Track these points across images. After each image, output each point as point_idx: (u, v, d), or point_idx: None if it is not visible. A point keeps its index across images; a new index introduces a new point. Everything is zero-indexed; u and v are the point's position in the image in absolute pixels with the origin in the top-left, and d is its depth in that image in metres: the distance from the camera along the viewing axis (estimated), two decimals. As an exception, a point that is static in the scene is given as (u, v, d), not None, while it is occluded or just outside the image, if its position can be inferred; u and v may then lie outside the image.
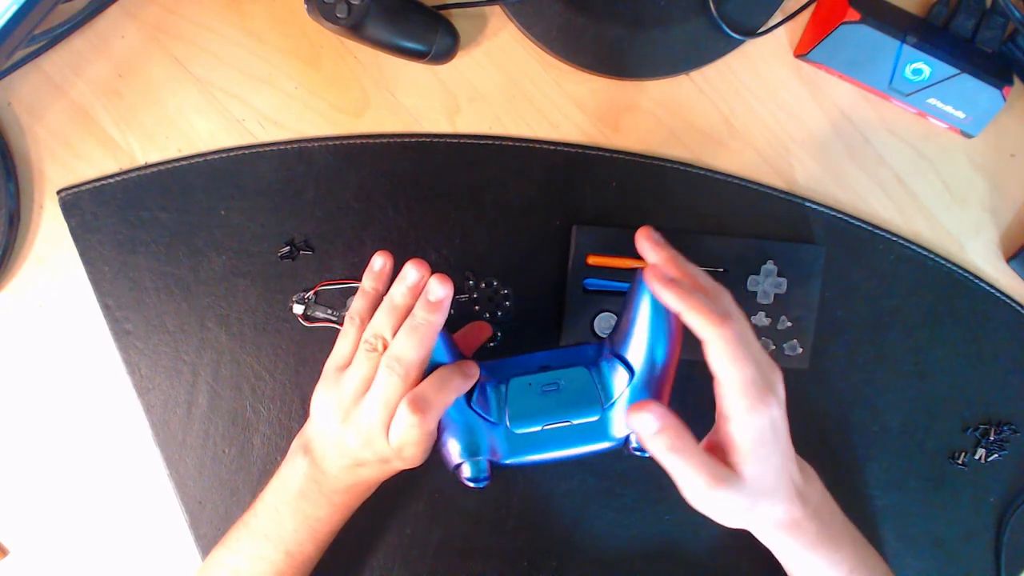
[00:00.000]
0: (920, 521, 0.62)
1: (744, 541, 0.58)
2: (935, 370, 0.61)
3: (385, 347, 0.47)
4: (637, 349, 0.47)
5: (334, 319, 0.60)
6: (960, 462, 0.62)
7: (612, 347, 0.48)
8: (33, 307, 0.60)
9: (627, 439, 0.48)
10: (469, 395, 0.47)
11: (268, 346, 0.60)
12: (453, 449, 0.48)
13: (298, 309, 0.59)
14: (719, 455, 0.46)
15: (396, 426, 0.46)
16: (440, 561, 0.60)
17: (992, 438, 0.62)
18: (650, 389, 0.48)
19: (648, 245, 0.48)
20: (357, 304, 0.50)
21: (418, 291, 0.47)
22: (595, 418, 0.48)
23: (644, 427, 0.44)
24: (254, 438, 0.60)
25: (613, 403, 0.48)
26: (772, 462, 0.46)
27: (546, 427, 0.47)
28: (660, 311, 0.46)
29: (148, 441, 0.60)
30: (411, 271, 0.48)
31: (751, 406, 0.44)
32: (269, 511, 0.52)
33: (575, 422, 0.47)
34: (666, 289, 0.44)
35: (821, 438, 0.62)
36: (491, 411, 0.47)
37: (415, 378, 0.46)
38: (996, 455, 0.62)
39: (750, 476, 0.45)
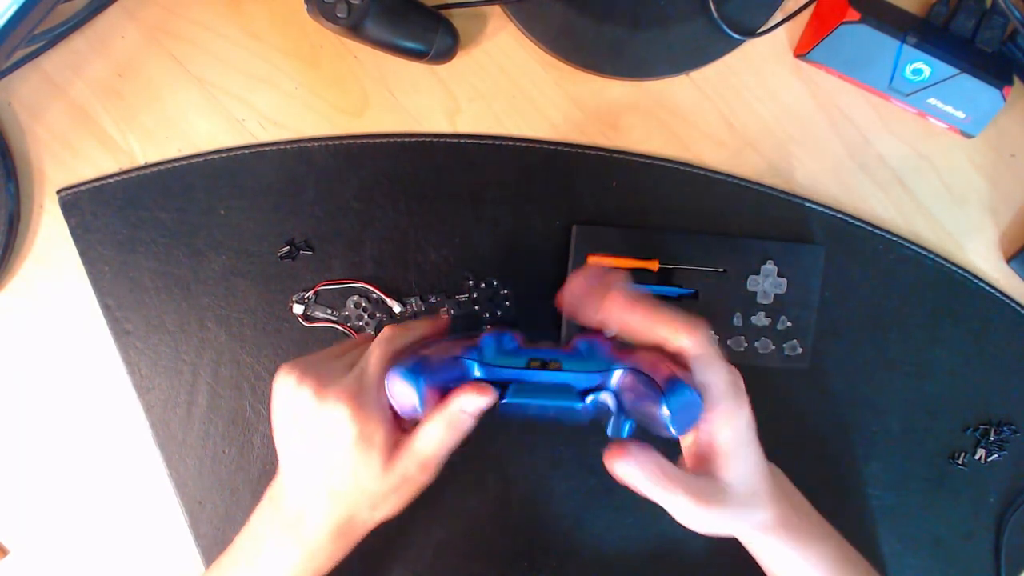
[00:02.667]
0: (920, 521, 0.62)
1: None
2: (935, 370, 0.62)
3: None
4: (638, 414, 0.45)
5: (334, 319, 0.60)
6: (960, 462, 0.62)
7: (617, 386, 0.45)
8: (33, 307, 0.60)
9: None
10: None
11: (268, 346, 0.60)
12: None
13: (298, 309, 0.59)
14: (700, 462, 0.46)
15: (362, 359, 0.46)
16: (440, 561, 0.60)
17: (992, 438, 0.62)
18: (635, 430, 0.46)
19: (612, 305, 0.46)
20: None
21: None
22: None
23: (625, 476, 0.43)
24: (254, 438, 0.60)
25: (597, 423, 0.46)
26: (751, 461, 0.46)
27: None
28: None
29: (148, 441, 0.60)
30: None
31: (733, 408, 0.45)
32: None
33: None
34: (632, 313, 0.44)
35: (821, 438, 0.62)
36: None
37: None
38: (996, 455, 0.62)
39: (734, 479, 0.45)
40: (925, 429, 0.62)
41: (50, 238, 0.60)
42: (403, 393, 0.44)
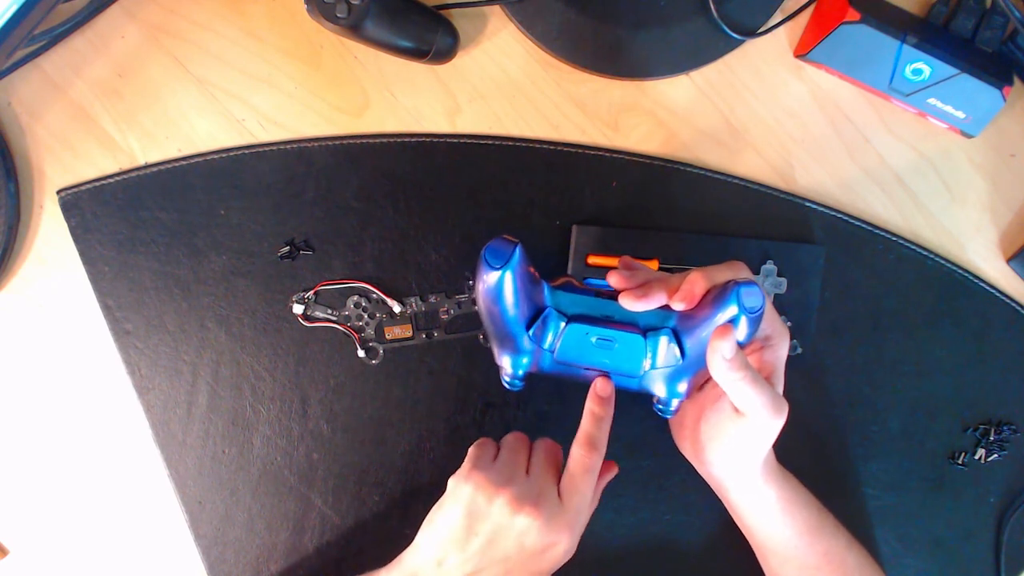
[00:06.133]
0: (920, 521, 0.62)
1: (743, 541, 0.58)
2: (935, 370, 0.61)
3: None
4: (697, 342, 0.48)
5: (334, 319, 0.60)
6: (960, 462, 0.62)
7: (678, 323, 0.49)
8: (33, 307, 0.60)
9: (653, 396, 0.51)
10: (531, 321, 0.49)
11: (268, 346, 0.60)
12: (500, 352, 0.51)
13: (298, 309, 0.59)
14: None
15: (569, 471, 0.50)
16: (440, 561, 0.60)
17: (992, 438, 0.62)
18: (690, 377, 0.49)
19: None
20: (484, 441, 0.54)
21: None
22: (632, 378, 0.50)
23: (723, 350, 0.45)
24: (254, 438, 0.60)
25: (655, 371, 0.50)
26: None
27: (586, 368, 0.50)
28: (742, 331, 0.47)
29: (148, 441, 0.60)
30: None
31: (783, 329, 0.51)
32: None
33: (613, 373, 0.50)
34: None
35: (821, 438, 0.62)
36: (544, 339, 0.50)
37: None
38: (996, 455, 0.62)
39: (780, 393, 0.50)
40: (925, 429, 0.62)
41: (50, 238, 0.60)
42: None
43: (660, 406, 0.50)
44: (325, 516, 0.61)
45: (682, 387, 0.49)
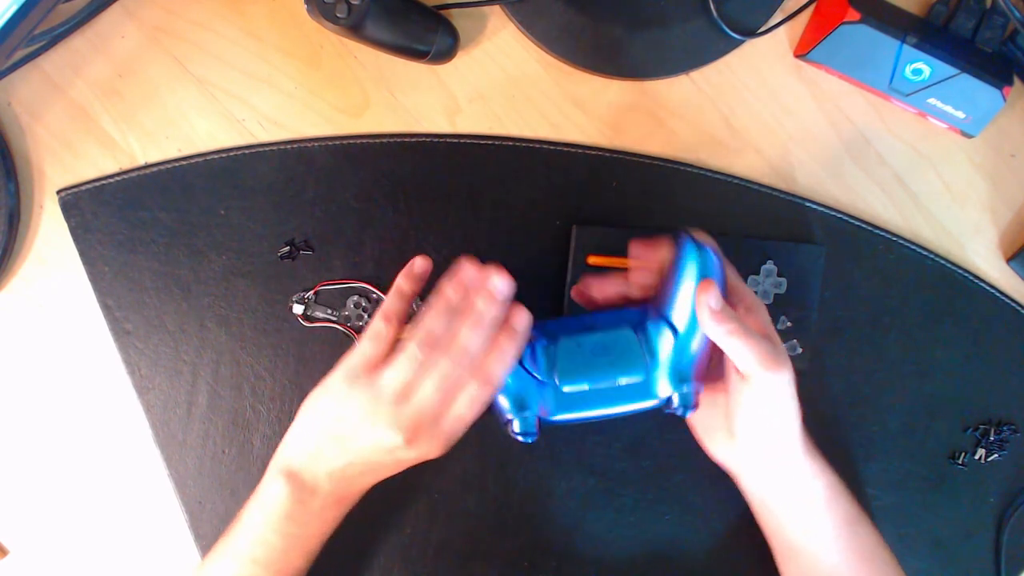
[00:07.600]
0: (920, 521, 0.62)
1: (744, 541, 0.58)
2: (935, 370, 0.61)
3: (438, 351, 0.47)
4: (682, 311, 0.48)
5: (334, 319, 0.60)
6: (960, 462, 0.62)
7: (657, 309, 0.49)
8: (33, 307, 0.60)
9: (669, 399, 0.49)
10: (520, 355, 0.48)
11: (268, 346, 0.60)
12: (504, 405, 0.49)
13: (298, 309, 0.59)
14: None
15: (458, 405, 0.47)
16: (440, 561, 0.60)
17: (992, 438, 0.62)
18: (694, 350, 0.49)
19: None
20: (393, 305, 0.50)
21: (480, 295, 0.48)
22: (640, 378, 0.49)
23: (709, 301, 0.46)
24: (254, 438, 0.60)
25: (658, 363, 0.49)
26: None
27: (593, 387, 0.49)
28: (706, 274, 0.48)
29: (148, 441, 0.60)
30: (468, 271, 0.49)
31: (759, 300, 0.51)
32: (253, 534, 0.50)
33: (621, 382, 0.49)
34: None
35: (821, 438, 0.61)
36: (541, 370, 0.48)
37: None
38: (996, 455, 0.62)
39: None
40: (925, 429, 0.62)
41: (50, 238, 0.60)
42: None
43: (680, 405, 0.49)
44: (325, 516, 0.61)
45: (689, 369, 0.48)
